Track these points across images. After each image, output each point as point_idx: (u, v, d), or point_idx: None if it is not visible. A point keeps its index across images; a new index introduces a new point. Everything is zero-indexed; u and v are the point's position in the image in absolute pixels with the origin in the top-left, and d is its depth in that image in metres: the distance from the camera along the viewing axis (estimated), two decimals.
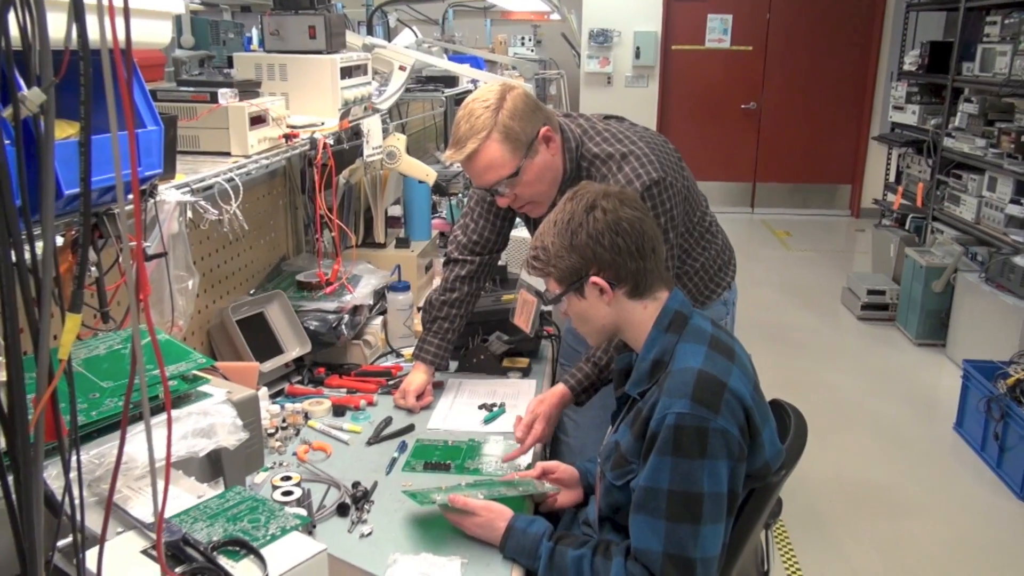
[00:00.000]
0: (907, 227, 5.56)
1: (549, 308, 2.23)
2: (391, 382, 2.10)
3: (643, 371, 1.39)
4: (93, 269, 1.25)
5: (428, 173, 2.55)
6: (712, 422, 1.26)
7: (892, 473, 3.46)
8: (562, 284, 1.43)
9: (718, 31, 7.91)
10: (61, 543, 0.89)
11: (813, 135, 8.04)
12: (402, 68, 2.54)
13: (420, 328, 2.16)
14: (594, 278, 1.39)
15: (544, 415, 1.79)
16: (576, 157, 1.80)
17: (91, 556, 0.85)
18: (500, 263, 2.62)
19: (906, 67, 5.97)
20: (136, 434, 1.04)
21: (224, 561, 0.91)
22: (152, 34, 1.35)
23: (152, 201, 1.32)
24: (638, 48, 7.76)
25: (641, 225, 1.39)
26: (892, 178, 6.36)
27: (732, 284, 2.10)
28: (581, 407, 1.90)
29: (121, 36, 0.68)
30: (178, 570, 0.90)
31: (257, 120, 1.75)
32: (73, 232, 1.15)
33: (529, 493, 1.57)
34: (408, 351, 2.25)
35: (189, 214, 1.47)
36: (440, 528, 1.47)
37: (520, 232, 2.70)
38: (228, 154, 1.70)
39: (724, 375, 1.30)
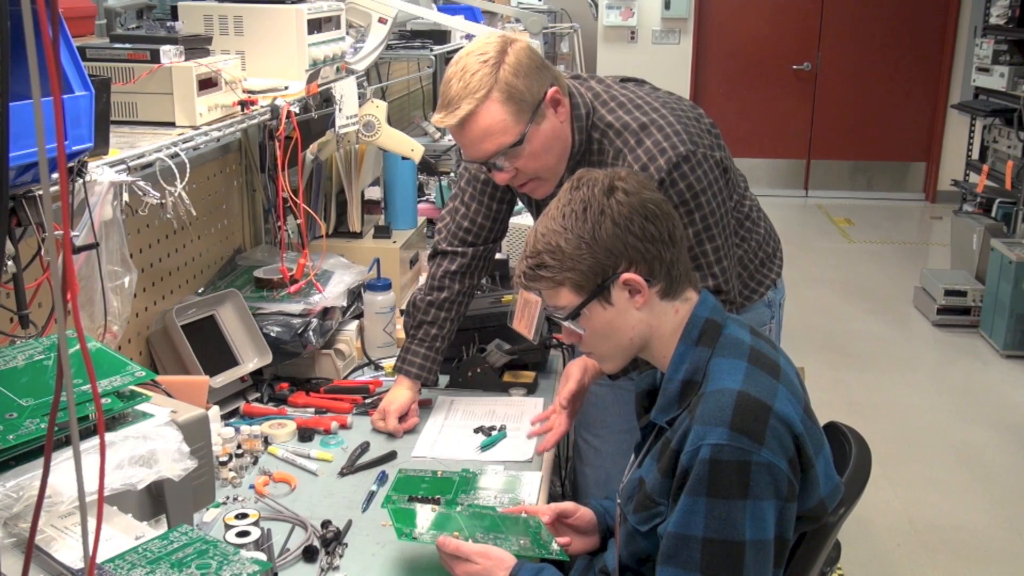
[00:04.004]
0: (993, 214, 5.55)
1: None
2: (368, 400, 2.11)
3: (671, 395, 1.39)
4: (10, 264, 1.25)
5: (413, 148, 2.56)
6: (755, 455, 1.26)
7: (975, 512, 3.45)
8: (583, 291, 1.39)
9: None
10: None
11: (880, 103, 8.03)
12: (382, 20, 2.54)
13: (403, 335, 2.17)
14: (626, 275, 1.37)
15: (586, 389, 1.87)
16: (586, 127, 1.81)
17: None
18: (499, 255, 2.62)
19: (993, 20, 5.95)
20: (62, 462, 1.04)
21: None
22: None
23: (81, 181, 1.33)
24: None
25: (668, 207, 1.42)
26: (975, 155, 6.35)
27: (778, 281, 2.11)
28: (614, 381, 1.92)
29: None
30: None
31: (207, 83, 1.75)
32: None
33: (532, 555, 1.56)
34: (389, 363, 2.26)
35: (125, 197, 1.48)
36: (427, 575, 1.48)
37: (522, 219, 2.71)
38: (172, 124, 1.71)
39: (769, 396, 1.30)
